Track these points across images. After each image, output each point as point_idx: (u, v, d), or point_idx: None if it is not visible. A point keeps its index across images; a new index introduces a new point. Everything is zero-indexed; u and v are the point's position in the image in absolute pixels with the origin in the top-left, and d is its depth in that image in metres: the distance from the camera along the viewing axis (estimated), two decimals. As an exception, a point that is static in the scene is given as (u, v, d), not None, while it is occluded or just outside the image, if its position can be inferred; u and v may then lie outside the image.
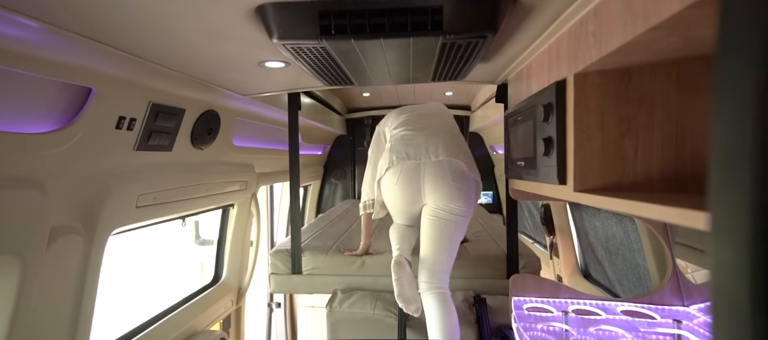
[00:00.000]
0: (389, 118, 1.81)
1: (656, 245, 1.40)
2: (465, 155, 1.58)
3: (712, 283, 0.22)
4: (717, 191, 0.22)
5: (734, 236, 0.20)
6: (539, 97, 0.94)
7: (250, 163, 2.23)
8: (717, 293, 0.22)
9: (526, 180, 1.13)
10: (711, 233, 0.23)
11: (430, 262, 1.48)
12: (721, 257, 0.22)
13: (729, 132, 0.21)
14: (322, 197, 4.29)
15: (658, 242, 1.39)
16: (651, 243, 1.41)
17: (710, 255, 0.23)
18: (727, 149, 0.21)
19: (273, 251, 1.85)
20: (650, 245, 1.41)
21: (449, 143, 1.56)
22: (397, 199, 1.56)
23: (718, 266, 0.22)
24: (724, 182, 0.22)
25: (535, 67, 1.07)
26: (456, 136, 1.68)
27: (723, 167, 0.22)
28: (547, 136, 0.89)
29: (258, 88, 1.51)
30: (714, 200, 0.22)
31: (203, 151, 1.59)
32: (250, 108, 1.88)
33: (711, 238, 0.23)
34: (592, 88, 0.79)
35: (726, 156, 0.22)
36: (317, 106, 2.87)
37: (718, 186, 0.22)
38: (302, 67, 1.09)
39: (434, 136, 1.57)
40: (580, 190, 0.80)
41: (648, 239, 1.42)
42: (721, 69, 0.22)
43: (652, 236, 1.40)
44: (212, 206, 1.88)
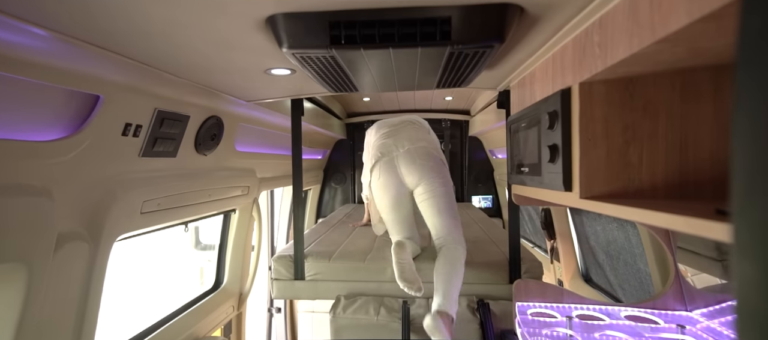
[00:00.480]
0: (372, 130, 2.16)
1: (658, 249, 1.41)
2: (428, 142, 1.91)
3: (738, 298, 0.23)
4: (740, 204, 0.22)
5: (759, 250, 0.21)
6: (544, 105, 0.96)
7: (252, 168, 2.23)
8: (742, 308, 0.22)
9: (529, 186, 1.13)
10: (734, 248, 0.23)
11: (436, 227, 1.74)
12: (746, 272, 0.22)
13: (751, 145, 0.21)
14: (322, 202, 4.29)
15: (660, 247, 1.40)
16: (653, 248, 1.42)
17: (734, 270, 0.23)
18: (749, 162, 0.22)
19: (276, 256, 1.84)
20: (652, 249, 1.42)
21: (413, 136, 1.89)
22: (384, 191, 1.82)
23: (742, 281, 0.22)
24: (746, 196, 0.22)
25: (538, 75, 1.08)
26: (421, 131, 2.00)
27: (745, 180, 0.22)
28: (552, 144, 0.90)
29: (262, 94, 1.52)
30: (737, 214, 0.23)
31: (206, 157, 1.59)
32: (253, 114, 1.89)
33: (735, 252, 0.23)
34: (597, 96, 0.80)
35: (749, 169, 0.22)
36: (318, 111, 2.88)
37: (741, 199, 0.22)
38: (308, 74, 1.10)
39: (402, 135, 1.90)
40: (586, 197, 0.81)
41: (650, 244, 1.43)
42: (742, 81, 0.22)
43: (654, 240, 1.41)
44: (215, 212, 1.88)
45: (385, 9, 0.70)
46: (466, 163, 4.13)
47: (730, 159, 0.23)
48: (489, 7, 0.71)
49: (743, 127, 0.22)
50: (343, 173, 4.24)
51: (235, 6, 0.70)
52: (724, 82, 0.75)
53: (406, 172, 1.78)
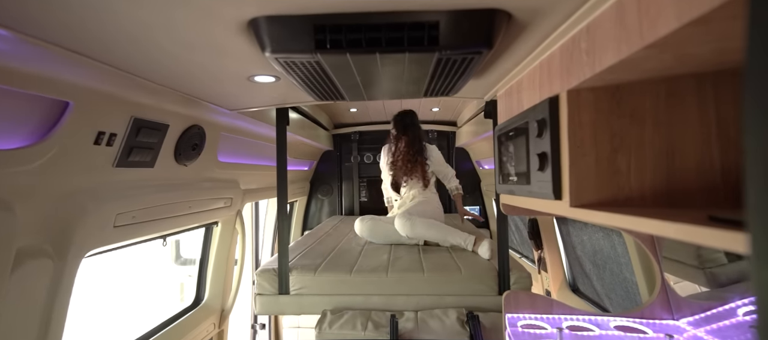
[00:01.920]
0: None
1: (644, 258, 1.41)
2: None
3: (758, 305, 0.21)
4: (756, 211, 0.21)
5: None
6: (532, 113, 0.95)
7: (236, 179, 2.17)
8: (763, 314, 0.21)
9: (518, 195, 1.12)
10: (752, 255, 0.22)
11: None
12: (764, 278, 0.21)
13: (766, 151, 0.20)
14: (309, 214, 4.22)
15: (646, 256, 1.41)
16: (639, 257, 1.43)
17: (753, 277, 0.22)
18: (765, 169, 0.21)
19: (259, 270, 1.78)
20: (638, 258, 1.43)
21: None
22: None
23: (761, 288, 0.21)
24: (763, 203, 0.21)
25: (526, 84, 1.08)
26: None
27: (761, 187, 0.21)
28: (541, 152, 0.89)
29: (246, 102, 1.48)
30: (753, 221, 0.21)
31: (187, 168, 1.54)
32: (237, 123, 1.85)
33: (752, 259, 0.22)
34: (585, 104, 0.80)
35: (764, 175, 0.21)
36: (304, 121, 2.84)
37: (757, 207, 0.21)
38: (293, 81, 1.07)
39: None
40: (576, 205, 0.80)
41: (636, 253, 1.44)
42: (753, 87, 0.21)
43: (640, 249, 1.42)
44: (195, 224, 1.81)
45: (372, 13, 0.68)
46: (453, 173, 4.14)
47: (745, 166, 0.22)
48: (477, 13, 0.70)
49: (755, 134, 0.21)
50: (329, 184, 4.19)
51: (215, 8, 0.67)
52: (706, 90, 0.76)
53: None
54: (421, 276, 1.69)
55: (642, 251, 1.41)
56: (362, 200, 4.17)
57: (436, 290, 1.67)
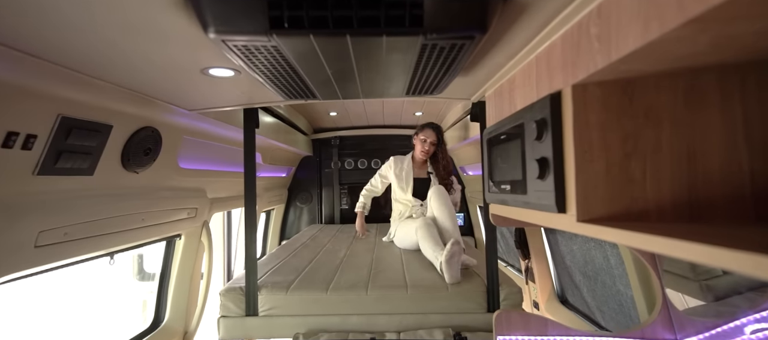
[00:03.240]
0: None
1: (642, 271, 1.32)
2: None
3: None
4: None
5: None
6: (529, 113, 0.83)
7: (202, 187, 1.98)
8: None
9: (512, 206, 1.00)
10: None
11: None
12: None
13: None
14: (287, 223, 4.03)
15: (644, 269, 1.32)
16: (636, 270, 1.33)
17: None
18: None
19: (224, 289, 1.60)
20: (636, 272, 1.33)
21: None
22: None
23: None
24: None
25: (519, 81, 0.97)
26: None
27: None
28: (540, 157, 0.77)
29: (206, 101, 1.32)
30: None
31: (139, 175, 1.35)
32: (201, 126, 1.67)
33: None
34: (592, 101, 0.68)
35: None
36: (280, 126, 2.67)
37: None
38: (255, 76, 0.92)
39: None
40: (584, 220, 0.68)
41: (633, 266, 1.34)
42: None
43: (638, 262, 1.32)
44: (152, 239, 1.61)
45: (340, -17, 0.55)
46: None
47: None
48: (469, -12, 0.58)
49: None
50: (309, 191, 4.01)
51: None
52: (731, 85, 0.66)
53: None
54: (404, 293, 1.55)
55: (640, 263, 1.32)
56: (343, 208, 4.01)
57: (420, 308, 1.53)
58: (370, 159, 3.98)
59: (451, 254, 1.64)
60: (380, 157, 3.99)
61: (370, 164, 3.98)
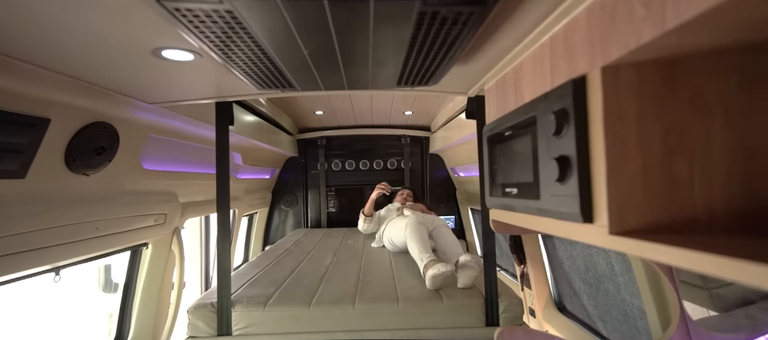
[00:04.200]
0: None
1: (654, 281, 1.21)
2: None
3: None
4: None
5: None
6: (543, 103, 0.71)
7: (172, 191, 1.80)
8: None
9: (520, 213, 0.87)
10: None
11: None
12: None
13: None
14: (271, 227, 3.84)
15: (656, 279, 1.21)
16: (648, 279, 1.22)
17: None
18: None
19: (192, 306, 1.43)
20: (647, 281, 1.22)
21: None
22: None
23: None
24: None
25: (528, 68, 0.84)
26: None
27: None
28: (560, 156, 0.64)
29: (168, 93, 1.15)
30: None
31: (91, 178, 1.18)
32: (170, 123, 1.50)
33: None
34: (627, 87, 0.56)
35: None
36: (262, 125, 2.50)
37: None
38: (218, 60, 0.77)
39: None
40: (618, 232, 0.55)
41: (644, 275, 1.23)
42: None
43: (650, 271, 1.21)
44: (111, 249, 1.43)
45: None
46: (427, 182, 3.92)
47: None
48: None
49: None
50: (294, 193, 3.84)
51: None
52: (795, 68, 0.54)
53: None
54: (395, 307, 1.41)
55: (651, 272, 1.21)
56: (330, 211, 3.85)
57: (412, 323, 1.40)
58: (358, 160, 3.83)
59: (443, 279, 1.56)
60: (369, 158, 3.85)
61: (358, 165, 3.83)
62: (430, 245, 1.85)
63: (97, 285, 2.55)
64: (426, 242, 1.84)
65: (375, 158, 3.85)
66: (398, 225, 2.23)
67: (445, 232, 2.05)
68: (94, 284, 2.55)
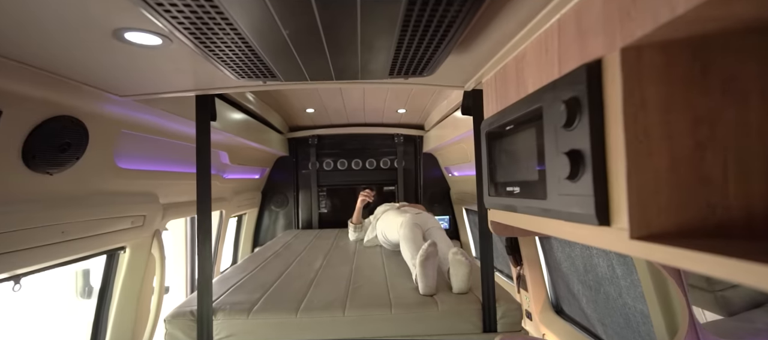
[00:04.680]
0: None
1: (660, 285, 1.15)
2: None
3: None
4: None
5: None
6: (551, 92, 0.63)
7: (152, 191, 1.70)
8: None
9: (523, 214, 0.80)
10: None
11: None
12: None
13: None
14: (261, 228, 3.74)
15: (662, 282, 1.15)
16: (654, 283, 1.16)
17: None
18: None
19: (170, 315, 1.33)
20: (653, 285, 1.16)
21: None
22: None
23: None
24: None
25: (531, 56, 0.77)
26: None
27: None
28: (571, 150, 0.57)
29: (140, 85, 1.06)
30: None
31: (55, 177, 1.08)
32: (148, 118, 1.40)
33: None
34: (651, 70, 0.49)
35: None
36: (250, 123, 2.41)
37: None
38: (189, 44, 0.68)
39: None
40: (640, 236, 0.48)
41: (650, 278, 1.17)
42: None
43: (656, 274, 1.15)
44: (81, 255, 1.33)
45: None
46: (420, 181, 3.85)
47: None
48: None
49: None
50: (284, 194, 3.74)
51: None
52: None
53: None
54: (388, 313, 1.33)
55: (657, 276, 1.15)
56: (322, 212, 3.76)
57: (406, 330, 1.32)
58: (351, 159, 3.75)
59: (426, 255, 1.48)
60: (361, 157, 3.76)
61: (351, 165, 3.75)
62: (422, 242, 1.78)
63: (75, 291, 2.42)
64: (418, 241, 1.77)
65: (368, 158, 3.77)
66: (394, 221, 2.16)
67: (439, 234, 1.98)
68: (70, 290, 2.42)
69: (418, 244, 1.75)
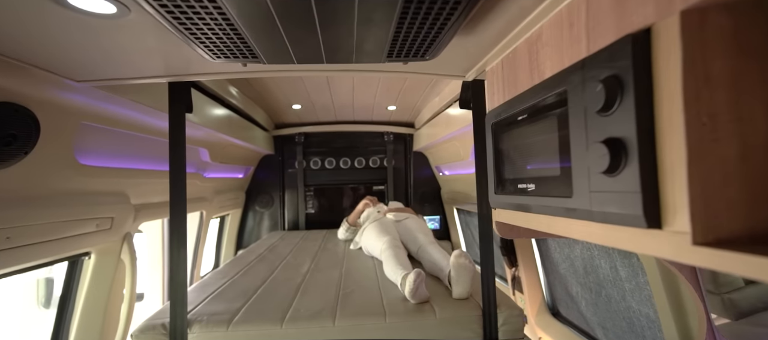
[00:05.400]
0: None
1: (672, 288, 1.08)
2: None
3: None
4: None
5: None
6: (581, 73, 0.54)
7: (122, 191, 1.55)
8: None
9: (536, 214, 0.71)
10: None
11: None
12: None
13: None
14: (245, 229, 3.58)
15: (674, 285, 1.08)
16: (665, 286, 1.09)
17: None
18: None
19: (138, 329, 1.20)
20: (664, 288, 1.09)
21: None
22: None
23: None
24: None
25: (549, 35, 0.68)
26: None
27: None
28: (610, 138, 0.48)
29: (101, 68, 0.93)
30: None
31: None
32: (112, 109, 1.26)
33: None
34: (718, 37, 0.40)
35: None
36: (233, 119, 2.27)
37: None
38: (150, 11, 0.56)
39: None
40: (706, 241, 0.39)
41: (660, 281, 1.10)
42: None
43: (667, 276, 1.08)
44: (30, 264, 1.18)
45: None
46: (411, 180, 3.76)
47: None
48: None
49: None
50: (269, 194, 3.59)
51: None
52: None
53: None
54: (382, 323, 1.23)
55: (669, 278, 1.08)
56: (309, 212, 3.63)
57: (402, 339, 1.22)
58: (339, 158, 3.63)
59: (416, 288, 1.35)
60: (350, 156, 3.65)
61: (339, 164, 3.63)
62: (407, 261, 1.67)
63: (37, 301, 2.23)
64: (402, 258, 1.66)
65: (356, 156, 3.66)
66: (373, 235, 2.06)
67: (431, 249, 1.86)
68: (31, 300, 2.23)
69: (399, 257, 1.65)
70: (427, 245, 1.88)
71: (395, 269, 1.55)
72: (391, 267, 1.60)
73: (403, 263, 1.61)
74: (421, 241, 1.95)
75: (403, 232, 2.14)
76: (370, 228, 2.22)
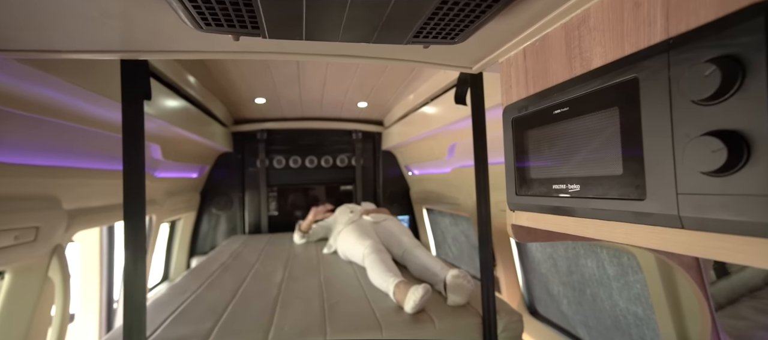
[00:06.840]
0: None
1: (670, 287, 1.08)
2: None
3: None
4: None
5: None
6: (668, 54, 0.47)
7: (51, 194, 1.28)
8: None
9: (581, 218, 0.64)
10: None
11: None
12: None
13: None
14: (199, 234, 3.25)
15: (672, 285, 1.08)
16: (664, 286, 1.09)
17: None
18: None
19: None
20: (663, 288, 1.09)
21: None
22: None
23: None
24: None
25: (597, 19, 0.61)
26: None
27: None
28: (721, 130, 0.41)
29: (22, 36, 0.70)
30: None
31: None
32: (38, 91, 1.01)
33: None
34: None
35: None
36: (189, 111, 2.00)
37: None
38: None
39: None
40: None
41: (659, 280, 1.10)
42: None
43: (666, 275, 1.08)
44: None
45: None
46: (380, 180, 3.66)
47: None
48: None
49: None
50: (227, 195, 3.29)
51: None
52: None
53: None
54: (378, 335, 1.11)
55: (668, 277, 1.08)
56: (272, 214, 3.38)
57: (400, 356, 1.11)
58: (304, 157, 3.42)
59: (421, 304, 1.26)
60: (316, 154, 3.46)
61: (304, 163, 3.42)
62: (394, 266, 1.57)
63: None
64: (389, 263, 1.56)
65: (323, 155, 3.48)
66: (352, 239, 1.93)
67: (419, 252, 1.77)
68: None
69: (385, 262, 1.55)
70: (414, 249, 1.78)
71: (383, 276, 1.44)
72: (378, 274, 1.49)
73: (391, 268, 1.50)
74: (407, 244, 1.86)
75: (383, 234, 2.03)
76: (347, 231, 2.08)
